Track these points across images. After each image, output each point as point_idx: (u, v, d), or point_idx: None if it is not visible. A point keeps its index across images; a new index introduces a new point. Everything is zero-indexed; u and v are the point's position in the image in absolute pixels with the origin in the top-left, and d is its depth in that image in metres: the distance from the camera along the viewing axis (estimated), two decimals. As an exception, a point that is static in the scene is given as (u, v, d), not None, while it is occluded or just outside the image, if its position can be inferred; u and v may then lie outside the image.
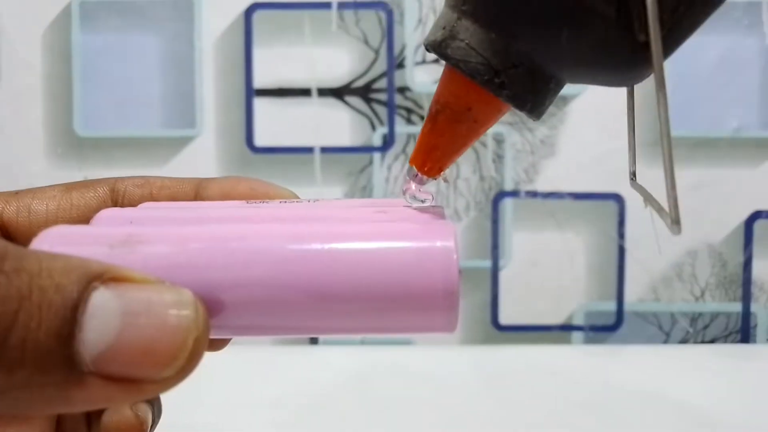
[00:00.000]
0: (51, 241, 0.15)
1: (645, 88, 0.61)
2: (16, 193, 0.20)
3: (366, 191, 0.56)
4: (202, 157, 0.56)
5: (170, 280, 0.14)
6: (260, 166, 0.56)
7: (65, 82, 0.55)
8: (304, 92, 0.56)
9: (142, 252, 0.14)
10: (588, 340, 0.57)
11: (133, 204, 0.20)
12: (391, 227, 0.16)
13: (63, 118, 0.55)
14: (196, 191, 0.21)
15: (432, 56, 0.56)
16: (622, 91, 0.61)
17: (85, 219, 0.20)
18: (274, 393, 0.44)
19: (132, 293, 0.13)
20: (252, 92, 0.55)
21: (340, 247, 0.15)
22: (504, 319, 0.57)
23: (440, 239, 0.15)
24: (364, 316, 0.15)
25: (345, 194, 0.56)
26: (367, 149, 0.56)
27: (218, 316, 0.14)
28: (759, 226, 0.56)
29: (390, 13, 0.55)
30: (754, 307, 0.57)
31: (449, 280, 0.14)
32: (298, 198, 0.21)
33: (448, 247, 0.15)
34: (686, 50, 0.61)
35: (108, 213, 0.18)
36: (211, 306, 0.14)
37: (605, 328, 0.57)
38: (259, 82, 0.55)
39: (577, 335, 0.57)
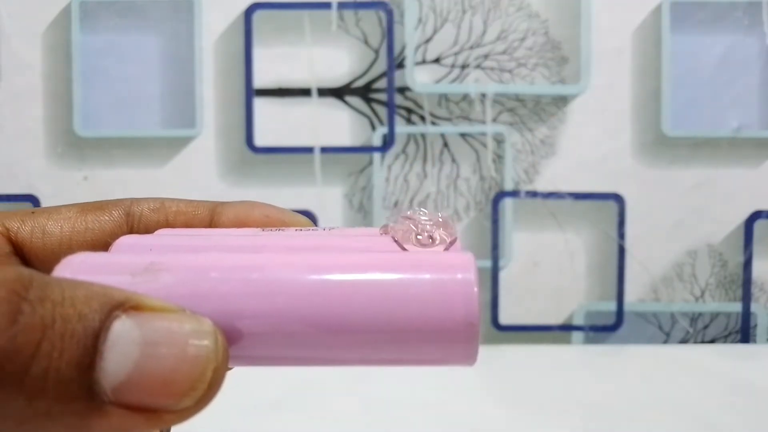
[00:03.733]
0: (73, 268, 0.15)
1: (644, 88, 0.61)
2: (33, 212, 0.20)
3: (366, 191, 0.56)
4: (202, 157, 0.56)
5: (191, 308, 0.14)
6: (260, 166, 0.56)
7: (65, 82, 0.55)
8: (304, 92, 0.56)
9: (163, 280, 0.14)
10: (588, 340, 0.57)
11: (148, 228, 0.20)
12: (410, 258, 0.16)
13: (63, 118, 0.55)
14: (211, 217, 0.21)
15: (432, 56, 0.56)
16: (622, 91, 0.62)
17: (99, 242, 0.20)
18: (274, 394, 0.44)
19: (152, 322, 0.13)
20: (252, 92, 0.55)
21: (360, 278, 0.15)
22: (504, 319, 0.57)
23: (460, 271, 0.15)
24: (382, 348, 0.15)
25: (345, 194, 0.56)
26: (367, 149, 0.56)
27: (237, 346, 0.14)
28: (759, 226, 0.56)
29: (390, 13, 0.55)
30: (754, 307, 0.57)
31: (470, 313, 0.15)
32: (313, 225, 0.21)
33: (468, 279, 0.15)
34: (686, 50, 0.61)
35: (127, 240, 0.18)
36: (230, 335, 0.14)
37: (605, 328, 0.57)
38: (259, 82, 0.55)
39: (577, 335, 0.57)
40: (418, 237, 0.18)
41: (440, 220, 0.18)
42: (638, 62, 0.55)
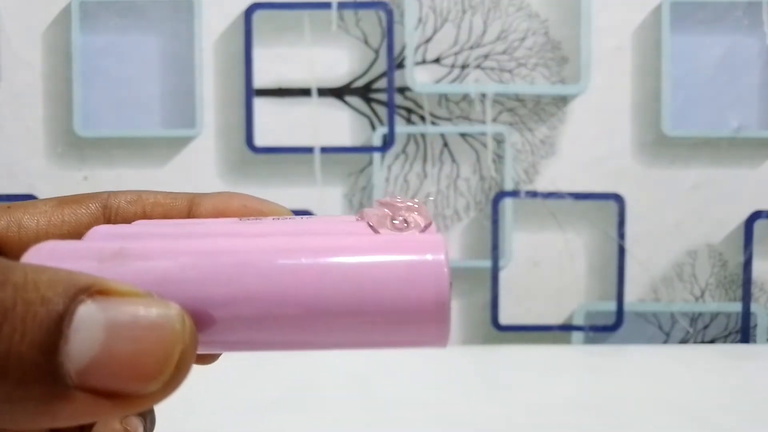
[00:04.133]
0: (41, 255, 0.15)
1: (644, 88, 0.61)
2: (9, 206, 0.20)
3: (366, 191, 0.56)
4: (202, 157, 0.56)
5: (160, 293, 0.14)
6: (260, 166, 0.56)
7: (65, 82, 0.55)
8: (304, 92, 0.56)
9: (131, 265, 0.14)
10: (588, 340, 0.57)
11: (126, 220, 0.20)
12: (381, 240, 0.16)
13: (63, 118, 0.55)
14: (190, 208, 0.21)
15: (432, 56, 0.56)
16: (622, 91, 0.62)
17: (76, 235, 0.20)
18: (272, 394, 0.44)
19: (118, 306, 0.13)
20: (252, 92, 0.55)
21: (330, 261, 0.15)
22: (504, 319, 0.57)
23: (431, 252, 0.15)
24: (354, 330, 0.15)
25: (345, 194, 0.56)
26: (367, 149, 0.56)
27: (208, 331, 0.14)
28: (759, 226, 0.56)
29: (390, 13, 0.55)
30: (754, 307, 0.57)
31: (440, 294, 0.14)
32: (292, 215, 0.21)
33: (438, 259, 0.15)
34: (686, 50, 0.61)
35: (102, 229, 0.18)
36: (201, 320, 0.14)
37: (605, 328, 0.57)
38: (259, 82, 0.55)
39: (577, 335, 0.57)
40: (394, 222, 0.18)
41: (415, 205, 0.18)
42: (638, 62, 0.55)
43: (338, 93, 0.56)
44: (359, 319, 0.14)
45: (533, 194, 0.56)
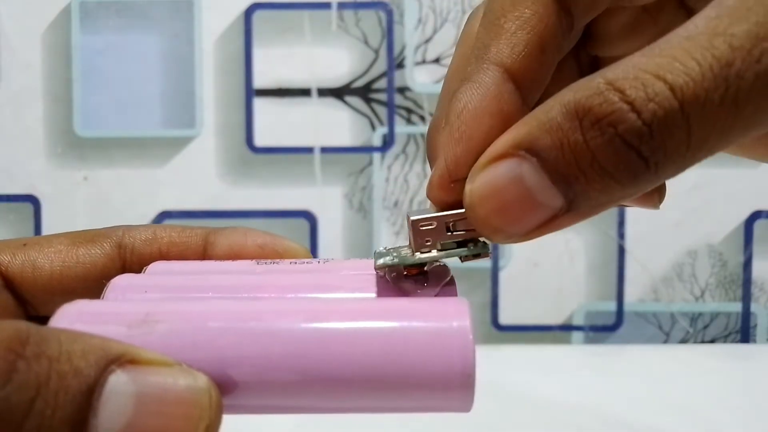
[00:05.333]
0: (71, 317, 0.15)
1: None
2: (24, 244, 0.20)
3: (366, 191, 0.56)
4: (202, 157, 0.56)
5: (188, 359, 0.14)
6: (260, 166, 0.56)
7: (65, 82, 0.55)
8: (304, 92, 0.56)
9: (160, 332, 0.15)
10: (588, 340, 0.57)
11: (142, 260, 0.20)
12: (406, 306, 0.16)
13: (63, 118, 0.55)
14: (204, 247, 0.21)
15: (432, 56, 0.56)
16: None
17: (90, 275, 0.20)
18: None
19: (147, 377, 0.13)
20: (252, 92, 0.55)
21: (356, 327, 0.15)
22: (504, 319, 0.57)
23: (456, 319, 0.15)
24: (379, 396, 0.15)
25: (345, 194, 0.56)
26: (367, 149, 0.56)
27: (233, 395, 0.15)
28: (759, 226, 0.56)
29: (390, 13, 0.55)
30: (754, 307, 0.57)
31: (466, 363, 0.15)
32: (307, 252, 0.21)
33: (464, 327, 0.15)
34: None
35: (122, 281, 0.18)
36: (226, 385, 0.14)
37: (605, 328, 0.57)
38: (259, 82, 0.55)
39: (577, 335, 0.57)
40: (412, 277, 0.18)
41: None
42: (638, 62, 0.55)
43: (338, 93, 0.56)
44: (385, 386, 0.15)
45: (533, 194, 0.56)
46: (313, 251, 0.56)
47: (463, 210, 0.17)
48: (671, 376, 0.49)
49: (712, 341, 0.57)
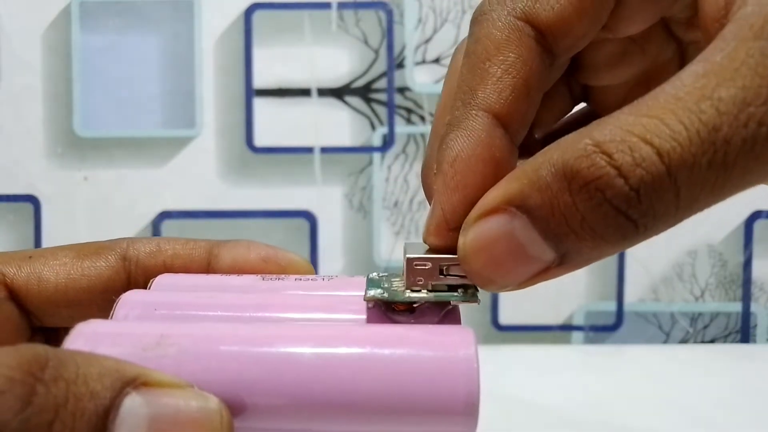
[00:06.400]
0: (86, 338, 0.15)
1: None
2: (30, 257, 0.20)
3: (366, 191, 0.56)
4: (202, 157, 0.56)
5: (200, 381, 0.14)
6: (260, 166, 0.56)
7: (65, 82, 0.55)
8: (304, 92, 0.56)
9: (173, 354, 0.15)
10: (588, 340, 0.57)
11: (146, 273, 0.21)
12: (413, 334, 0.16)
13: (63, 118, 0.55)
14: (208, 260, 0.21)
15: (432, 56, 0.56)
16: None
17: (95, 287, 0.20)
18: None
19: (160, 398, 0.13)
20: (252, 92, 0.55)
21: (364, 353, 0.15)
22: (504, 319, 0.57)
23: (462, 348, 0.16)
24: (384, 422, 0.15)
25: (345, 194, 0.56)
26: (367, 149, 0.56)
27: (244, 417, 0.15)
28: (759, 226, 0.56)
29: (390, 13, 0.55)
30: (754, 307, 0.57)
31: (470, 391, 0.15)
32: (310, 267, 0.21)
33: (469, 355, 0.15)
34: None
35: (132, 297, 0.18)
36: (237, 408, 0.15)
37: (605, 328, 0.57)
38: (259, 82, 0.55)
39: (577, 335, 0.57)
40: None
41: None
42: (638, 62, 0.55)
43: (338, 93, 0.56)
44: (391, 413, 0.15)
45: (533, 194, 0.56)
46: (313, 251, 0.56)
47: (456, 256, 0.17)
48: (671, 376, 0.49)
49: (712, 341, 0.57)
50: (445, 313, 0.18)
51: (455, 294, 0.17)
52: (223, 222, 0.56)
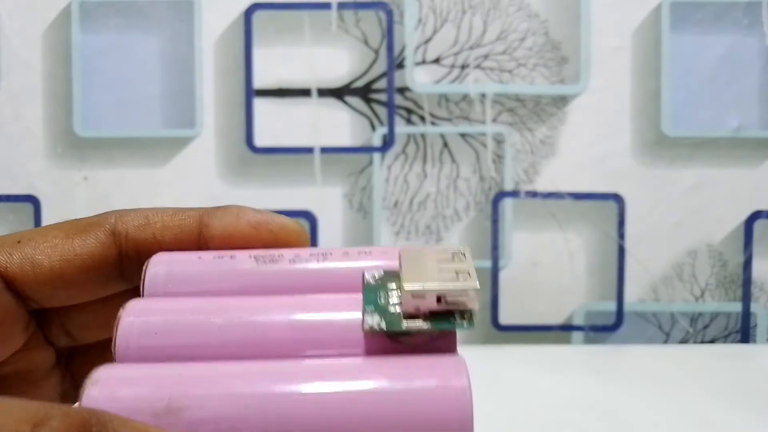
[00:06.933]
0: (98, 396, 0.16)
1: (644, 88, 0.61)
2: (18, 241, 0.20)
3: (366, 191, 0.56)
4: (202, 157, 0.56)
5: None
6: (260, 166, 0.56)
7: (65, 82, 0.55)
8: (304, 92, 0.56)
9: (185, 420, 0.16)
10: (588, 340, 0.57)
11: (138, 247, 0.21)
12: (406, 365, 0.17)
13: (63, 118, 0.55)
14: (199, 229, 0.21)
15: (432, 56, 0.56)
16: (621, 91, 0.62)
17: (88, 266, 0.20)
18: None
19: None
20: (252, 92, 0.55)
21: (358, 387, 0.16)
22: (504, 319, 0.57)
23: (454, 377, 0.16)
24: None
25: (345, 194, 0.56)
26: (367, 149, 0.56)
27: None
28: (759, 226, 0.56)
29: (390, 13, 0.55)
30: (754, 307, 0.57)
31: (464, 421, 0.16)
32: (304, 231, 0.21)
33: (462, 386, 0.16)
34: (686, 50, 0.61)
35: (136, 306, 0.19)
36: None
37: (605, 328, 0.57)
38: (259, 82, 0.55)
39: (577, 335, 0.57)
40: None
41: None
42: (638, 62, 0.55)
43: (338, 93, 0.56)
44: None
45: (533, 194, 0.56)
46: (313, 251, 0.56)
47: (458, 288, 0.17)
48: (671, 376, 0.49)
49: (712, 341, 0.57)
50: (443, 335, 0.18)
51: (451, 323, 0.17)
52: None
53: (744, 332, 0.57)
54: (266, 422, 0.16)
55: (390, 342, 0.18)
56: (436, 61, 0.55)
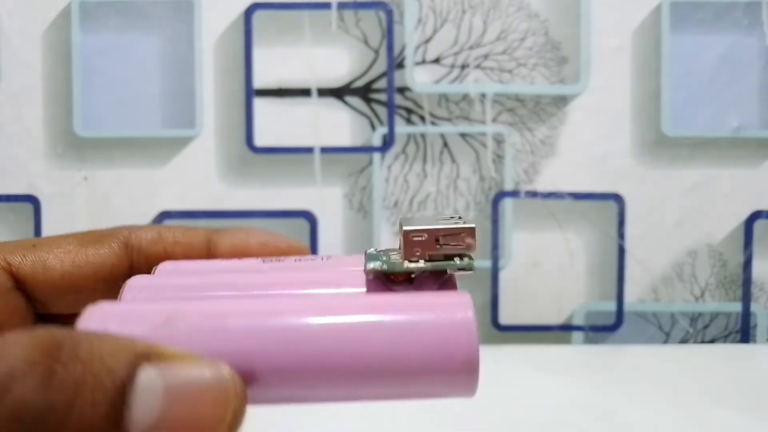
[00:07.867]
0: (96, 319, 0.16)
1: (644, 88, 0.61)
2: (33, 245, 0.21)
3: (366, 191, 0.56)
4: (202, 157, 0.56)
5: (210, 354, 0.15)
6: (260, 166, 0.56)
7: (65, 82, 0.55)
8: (304, 92, 0.56)
9: (182, 330, 0.16)
10: (588, 340, 0.57)
11: (148, 260, 0.22)
12: (411, 300, 0.17)
13: (63, 118, 0.55)
14: (208, 247, 0.22)
15: (432, 56, 0.56)
16: (621, 91, 0.62)
17: (99, 274, 0.21)
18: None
19: (174, 369, 0.14)
20: (252, 92, 0.55)
21: (367, 320, 0.16)
22: (504, 319, 0.57)
23: (460, 310, 0.16)
24: (387, 386, 0.16)
25: (345, 194, 0.56)
26: (367, 149, 0.56)
27: (254, 387, 0.16)
28: (759, 226, 0.56)
29: (390, 13, 0.55)
30: (754, 307, 0.57)
31: (470, 352, 0.16)
32: (309, 252, 0.22)
33: (468, 318, 0.16)
34: (686, 50, 0.61)
35: (137, 282, 0.19)
36: (247, 378, 0.16)
37: (605, 328, 0.57)
38: (259, 82, 0.55)
39: (577, 335, 0.57)
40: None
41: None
42: (638, 62, 0.55)
43: (338, 93, 0.56)
44: (393, 376, 0.16)
45: (533, 194, 0.56)
46: (313, 251, 0.56)
47: (453, 226, 0.18)
48: (671, 376, 0.49)
49: (712, 341, 0.57)
50: (442, 282, 0.18)
51: (451, 262, 0.18)
52: (223, 222, 0.56)
53: (744, 332, 0.57)
54: (266, 337, 0.16)
55: (392, 288, 0.18)
56: (436, 61, 0.55)
